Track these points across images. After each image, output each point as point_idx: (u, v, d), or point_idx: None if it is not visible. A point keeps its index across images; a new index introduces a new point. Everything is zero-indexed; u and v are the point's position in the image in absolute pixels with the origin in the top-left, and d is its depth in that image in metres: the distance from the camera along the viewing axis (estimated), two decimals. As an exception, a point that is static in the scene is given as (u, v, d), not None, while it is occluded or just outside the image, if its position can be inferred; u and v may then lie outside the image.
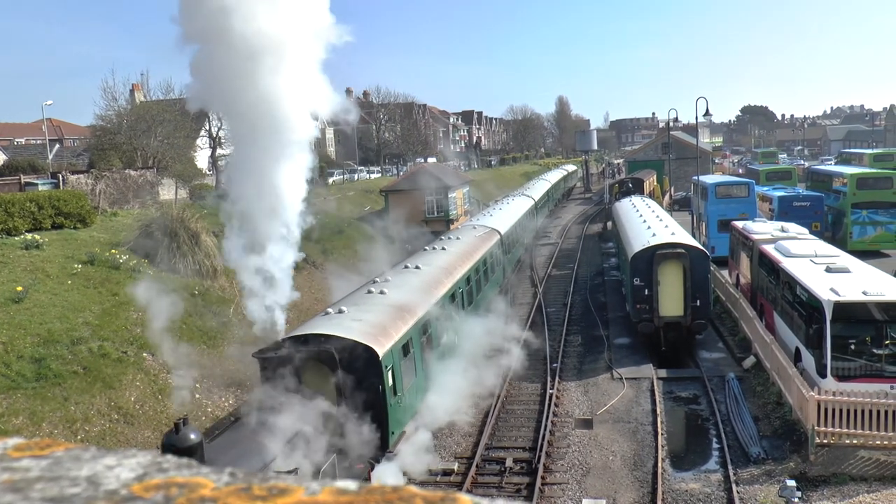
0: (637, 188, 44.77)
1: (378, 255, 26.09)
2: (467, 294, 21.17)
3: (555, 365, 21.21)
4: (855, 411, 14.33)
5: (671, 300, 21.55)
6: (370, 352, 13.07)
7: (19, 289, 17.67)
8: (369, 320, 14.30)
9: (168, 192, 35.70)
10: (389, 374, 13.47)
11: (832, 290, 16.30)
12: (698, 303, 21.43)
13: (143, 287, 16.31)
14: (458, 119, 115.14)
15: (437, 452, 16.01)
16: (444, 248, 22.75)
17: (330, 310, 15.24)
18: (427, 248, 23.40)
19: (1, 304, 16.90)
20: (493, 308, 23.21)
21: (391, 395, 13.43)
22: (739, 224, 27.35)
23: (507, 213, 34.37)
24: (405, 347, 14.69)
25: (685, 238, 23.90)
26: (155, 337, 15.95)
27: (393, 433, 13.43)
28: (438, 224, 41.83)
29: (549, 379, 19.89)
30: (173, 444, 9.20)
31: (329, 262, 30.02)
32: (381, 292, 16.40)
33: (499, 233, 28.27)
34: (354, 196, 49.05)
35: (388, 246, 30.39)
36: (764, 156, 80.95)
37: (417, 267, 19.59)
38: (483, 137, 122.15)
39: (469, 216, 42.53)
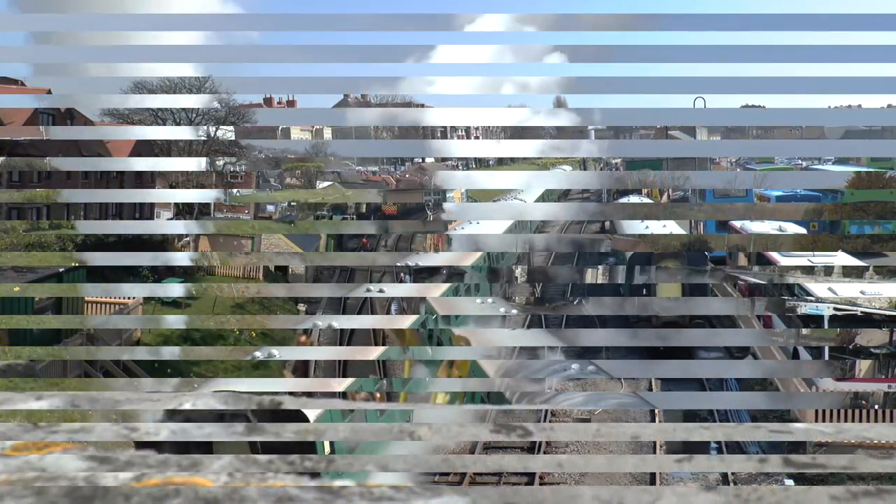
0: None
1: (374, 257, 25.95)
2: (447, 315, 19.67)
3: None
4: (853, 410, 14.34)
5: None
6: (299, 416, 10.23)
7: (16, 289, 17.63)
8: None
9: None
10: (326, 442, 10.90)
11: (830, 289, 16.33)
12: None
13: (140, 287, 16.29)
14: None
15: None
16: (418, 263, 21.11)
17: (258, 353, 13.23)
18: (402, 262, 21.36)
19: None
20: (482, 319, 21.61)
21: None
22: (737, 223, 27.36)
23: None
24: None
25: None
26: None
27: None
28: (435, 225, 41.66)
29: (546, 378, 19.85)
30: None
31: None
32: (330, 325, 14.59)
33: None
34: (352, 196, 49.03)
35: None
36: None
37: (381, 291, 17.59)
38: (481, 137, 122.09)
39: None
